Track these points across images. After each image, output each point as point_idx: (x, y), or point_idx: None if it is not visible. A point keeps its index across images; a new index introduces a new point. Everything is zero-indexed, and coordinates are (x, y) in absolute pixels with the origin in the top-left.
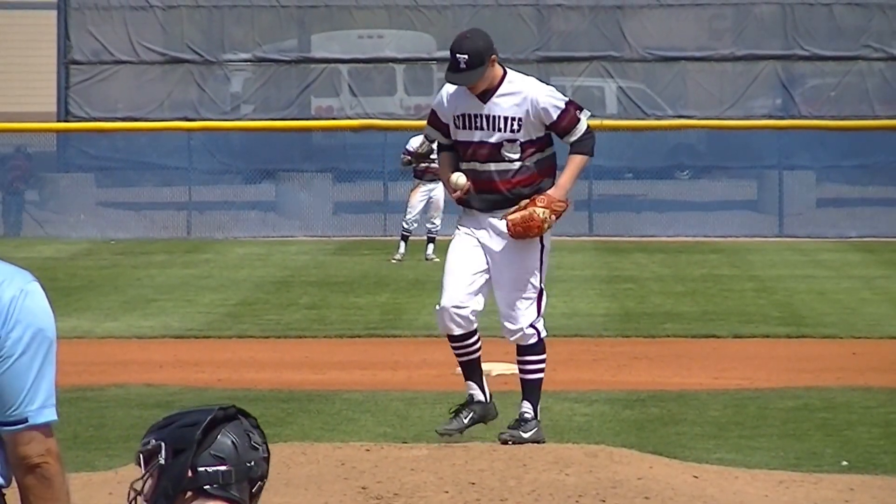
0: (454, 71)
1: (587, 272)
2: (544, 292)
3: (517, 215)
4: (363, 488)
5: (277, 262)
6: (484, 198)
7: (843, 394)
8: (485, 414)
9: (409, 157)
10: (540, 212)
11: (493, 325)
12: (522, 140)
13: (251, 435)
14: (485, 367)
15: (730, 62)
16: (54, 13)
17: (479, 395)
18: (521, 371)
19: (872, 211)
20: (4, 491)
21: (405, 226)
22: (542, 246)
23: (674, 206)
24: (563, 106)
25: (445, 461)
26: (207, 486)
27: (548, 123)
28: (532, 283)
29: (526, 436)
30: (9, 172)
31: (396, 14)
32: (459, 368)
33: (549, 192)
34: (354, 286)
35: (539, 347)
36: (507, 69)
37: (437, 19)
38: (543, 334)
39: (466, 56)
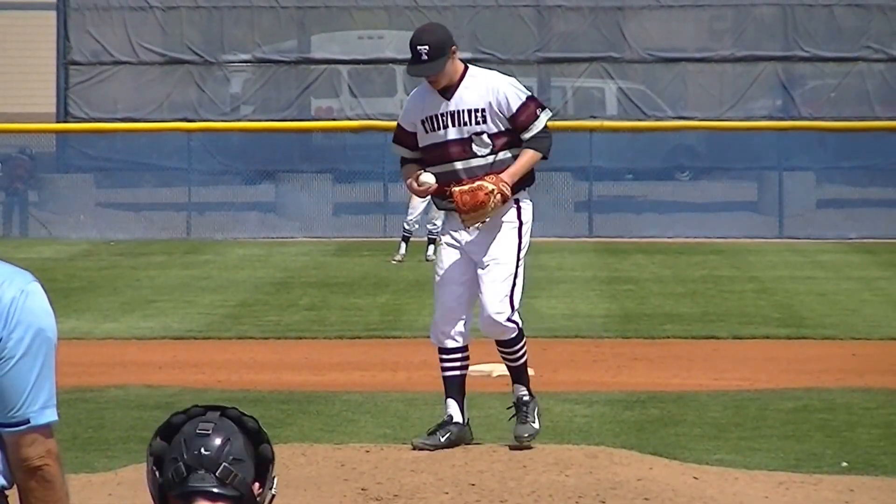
0: (415, 63)
1: (587, 273)
2: (518, 287)
3: (466, 186)
4: (363, 489)
5: (277, 263)
6: None
7: (843, 395)
8: (461, 436)
9: None
10: (488, 185)
11: None
12: (491, 132)
13: (200, 423)
14: (486, 367)
15: (730, 63)
16: (53, 14)
17: (457, 417)
18: (507, 360)
19: (872, 212)
20: (7, 492)
21: (406, 227)
22: (521, 243)
23: (674, 208)
24: (524, 99)
25: (445, 462)
26: (171, 492)
27: (508, 116)
28: (506, 278)
29: (536, 425)
30: (12, 172)
31: (396, 15)
32: (443, 384)
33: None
34: (354, 287)
35: (519, 335)
36: (468, 64)
37: (437, 20)
38: (521, 324)
39: (427, 47)
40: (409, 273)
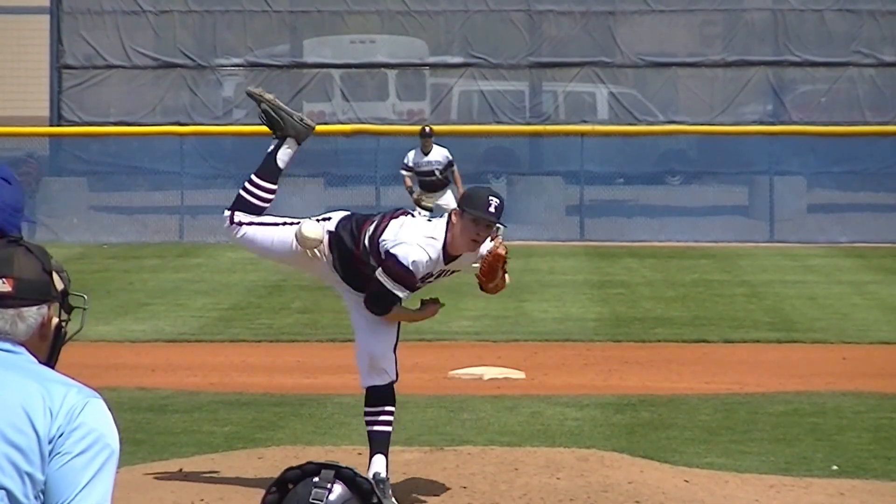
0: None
1: (578, 277)
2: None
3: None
4: None
5: (269, 266)
6: None
7: (832, 398)
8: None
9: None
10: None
11: (484, 329)
12: None
13: (314, 489)
14: (477, 370)
15: (721, 68)
16: (47, 18)
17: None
18: None
19: (863, 216)
20: None
21: None
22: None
23: (665, 212)
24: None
25: (437, 465)
26: None
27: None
28: None
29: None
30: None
31: (388, 19)
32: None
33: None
34: None
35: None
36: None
37: (429, 24)
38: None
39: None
40: None
